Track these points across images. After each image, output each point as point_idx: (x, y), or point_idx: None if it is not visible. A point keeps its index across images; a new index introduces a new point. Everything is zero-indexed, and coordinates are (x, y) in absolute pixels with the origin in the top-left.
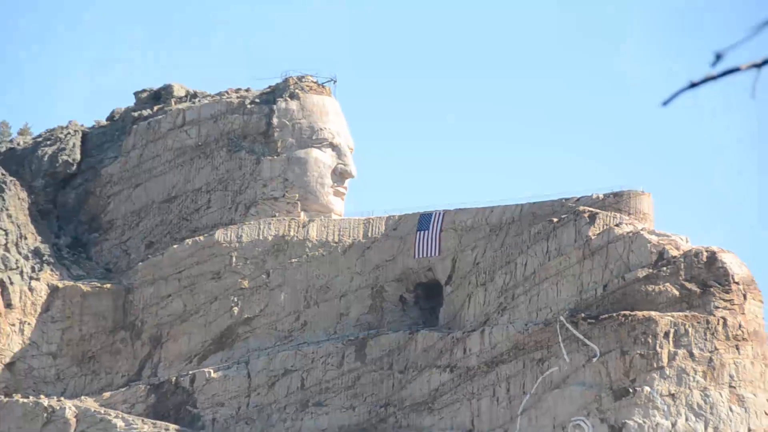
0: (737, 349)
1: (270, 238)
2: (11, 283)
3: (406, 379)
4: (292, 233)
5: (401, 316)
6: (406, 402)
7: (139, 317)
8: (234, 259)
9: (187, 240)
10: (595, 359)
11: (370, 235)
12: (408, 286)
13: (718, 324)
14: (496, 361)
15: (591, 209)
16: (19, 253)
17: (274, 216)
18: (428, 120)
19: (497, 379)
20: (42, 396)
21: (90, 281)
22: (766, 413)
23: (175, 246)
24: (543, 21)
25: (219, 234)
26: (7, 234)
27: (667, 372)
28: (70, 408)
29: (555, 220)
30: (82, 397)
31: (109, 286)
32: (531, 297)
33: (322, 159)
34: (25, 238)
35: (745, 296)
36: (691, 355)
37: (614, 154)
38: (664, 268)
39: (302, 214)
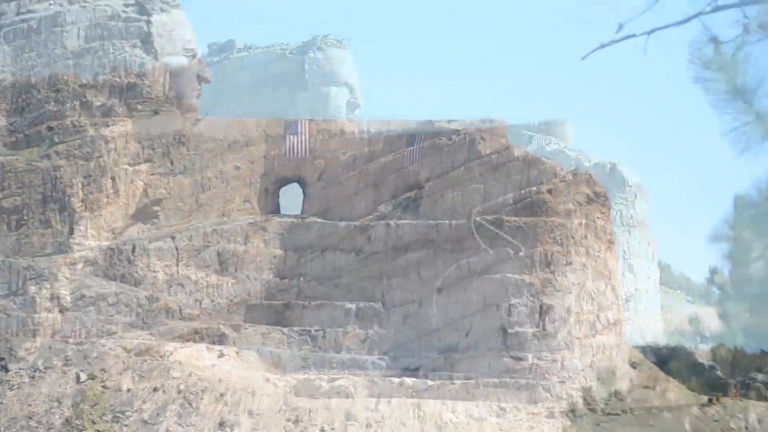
0: (629, 233)
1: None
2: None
3: None
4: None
5: None
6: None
7: None
8: None
9: None
10: None
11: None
12: None
13: (616, 215)
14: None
15: (529, 133)
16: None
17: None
18: (417, 64)
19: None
20: None
21: None
22: (647, 277)
23: None
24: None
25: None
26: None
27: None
28: None
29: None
30: None
31: None
32: None
33: (338, 94)
34: None
35: (636, 196)
36: (597, 236)
37: (547, 93)
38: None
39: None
